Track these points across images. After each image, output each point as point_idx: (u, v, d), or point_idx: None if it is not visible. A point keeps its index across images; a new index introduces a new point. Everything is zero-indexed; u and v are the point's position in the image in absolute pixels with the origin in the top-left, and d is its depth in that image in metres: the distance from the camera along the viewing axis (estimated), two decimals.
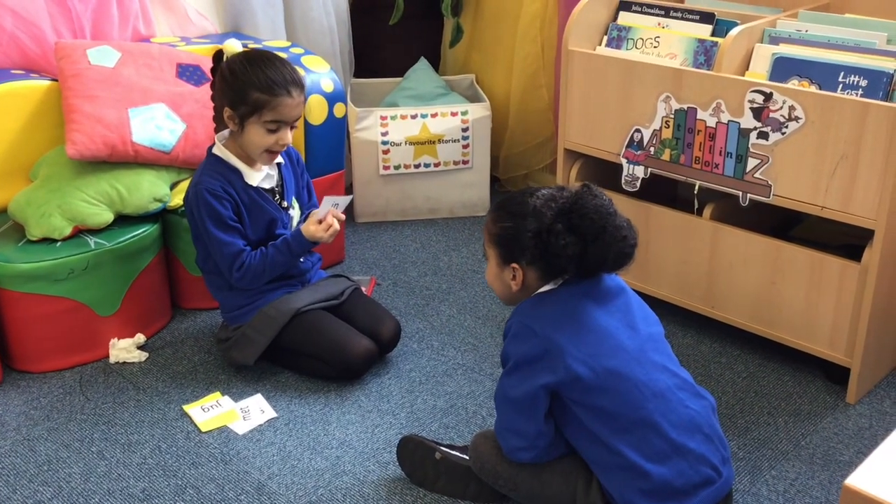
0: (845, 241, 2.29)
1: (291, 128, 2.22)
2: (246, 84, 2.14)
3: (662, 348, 1.72)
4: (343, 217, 2.31)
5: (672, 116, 2.30)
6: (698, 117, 2.24)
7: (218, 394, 2.27)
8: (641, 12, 2.54)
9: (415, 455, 1.93)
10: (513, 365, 1.69)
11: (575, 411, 1.66)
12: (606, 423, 1.63)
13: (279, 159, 2.32)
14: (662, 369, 1.67)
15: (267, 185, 2.30)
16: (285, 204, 2.35)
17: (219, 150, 2.26)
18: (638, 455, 1.62)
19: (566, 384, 1.63)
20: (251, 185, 2.26)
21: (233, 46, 2.23)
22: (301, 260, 2.36)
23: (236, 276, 2.24)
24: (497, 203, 1.77)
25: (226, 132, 2.27)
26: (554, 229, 1.63)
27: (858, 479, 1.06)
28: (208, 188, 2.19)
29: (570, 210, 1.65)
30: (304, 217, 2.38)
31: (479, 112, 3.16)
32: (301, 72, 2.61)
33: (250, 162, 2.26)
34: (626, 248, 1.65)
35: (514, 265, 1.70)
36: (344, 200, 2.31)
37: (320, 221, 2.25)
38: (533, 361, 1.65)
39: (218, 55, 2.27)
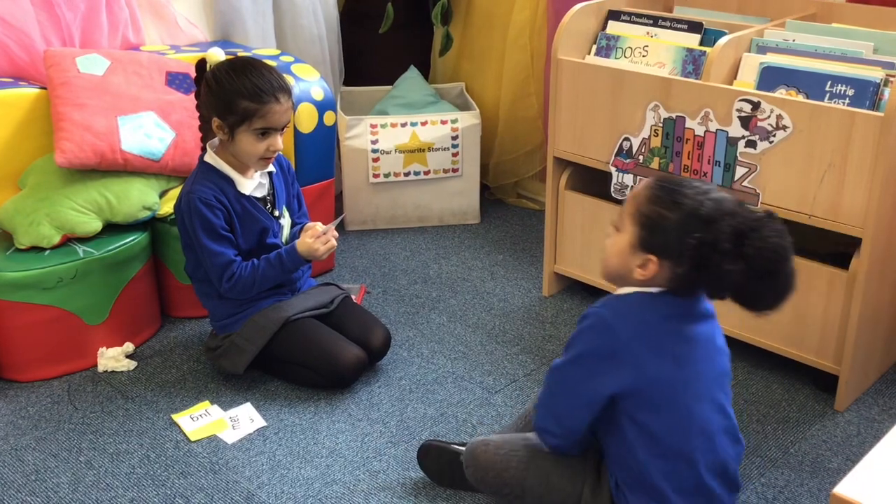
0: (833, 249, 2.30)
1: (281, 132, 2.22)
2: (233, 93, 2.14)
3: (726, 386, 1.66)
4: (337, 234, 2.31)
5: (661, 125, 2.31)
6: (687, 126, 2.26)
7: (207, 403, 2.26)
8: (630, 21, 2.55)
9: (440, 460, 1.93)
10: (580, 355, 1.60)
11: (621, 421, 1.60)
12: (648, 444, 1.59)
13: (270, 168, 2.32)
14: (719, 409, 1.63)
15: (259, 194, 2.30)
16: (276, 213, 2.35)
17: (210, 159, 2.26)
18: (666, 484, 1.59)
19: (626, 395, 1.57)
20: (243, 194, 2.25)
21: (215, 55, 2.22)
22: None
23: (226, 286, 2.24)
24: (661, 183, 1.58)
25: (216, 140, 2.27)
26: (723, 248, 1.48)
27: (847, 488, 1.06)
28: (201, 197, 2.19)
29: (746, 235, 1.49)
30: (298, 230, 2.38)
31: (468, 120, 3.17)
32: (290, 80, 2.61)
33: (242, 170, 2.26)
34: (783, 298, 1.52)
35: (652, 256, 1.55)
36: (336, 221, 2.32)
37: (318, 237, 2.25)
38: (602, 359, 1.57)
39: (201, 65, 2.26)
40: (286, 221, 2.39)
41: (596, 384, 1.58)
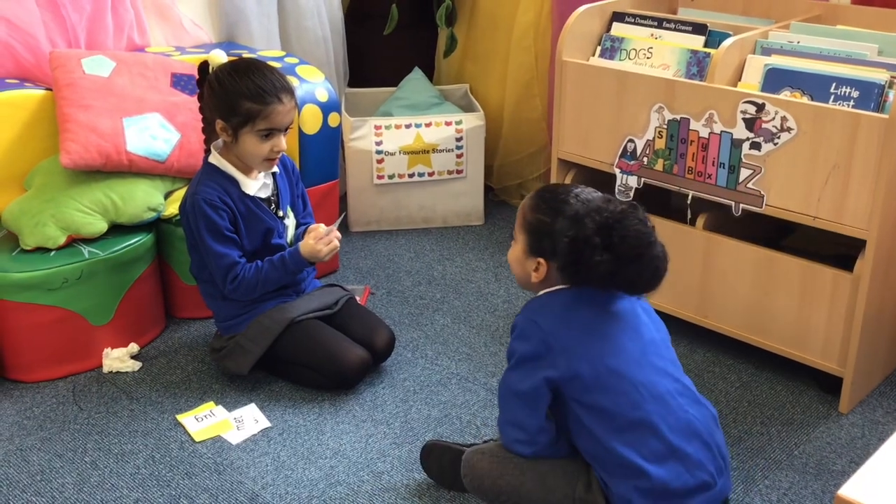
0: (837, 251, 2.30)
1: (284, 133, 2.23)
2: (236, 95, 2.14)
3: (665, 353, 1.73)
4: (340, 235, 2.32)
5: (665, 127, 2.31)
6: (691, 128, 2.26)
7: (211, 403, 2.27)
8: (635, 23, 2.56)
9: (442, 460, 1.93)
10: (517, 360, 1.71)
11: (574, 409, 1.67)
12: (604, 423, 1.64)
13: (274, 168, 2.33)
14: (663, 373, 1.69)
15: (263, 195, 2.30)
16: (281, 213, 2.35)
17: (215, 160, 2.26)
18: (635, 455, 1.63)
19: (567, 381, 1.65)
20: (248, 195, 2.26)
21: (217, 57, 2.23)
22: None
23: (229, 287, 2.24)
24: (540, 192, 1.75)
25: (220, 141, 2.27)
26: (592, 242, 1.62)
27: (851, 490, 1.06)
28: (206, 198, 2.19)
29: (611, 227, 1.62)
30: (302, 231, 2.38)
31: (472, 121, 3.17)
32: (294, 81, 2.61)
33: (247, 171, 2.27)
34: (655, 279, 1.65)
35: (541, 259, 1.70)
36: (338, 222, 2.32)
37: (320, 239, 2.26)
38: (536, 358, 1.67)
39: (203, 67, 2.26)
40: (290, 222, 2.40)
41: (536, 377, 1.67)
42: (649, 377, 1.66)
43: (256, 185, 2.28)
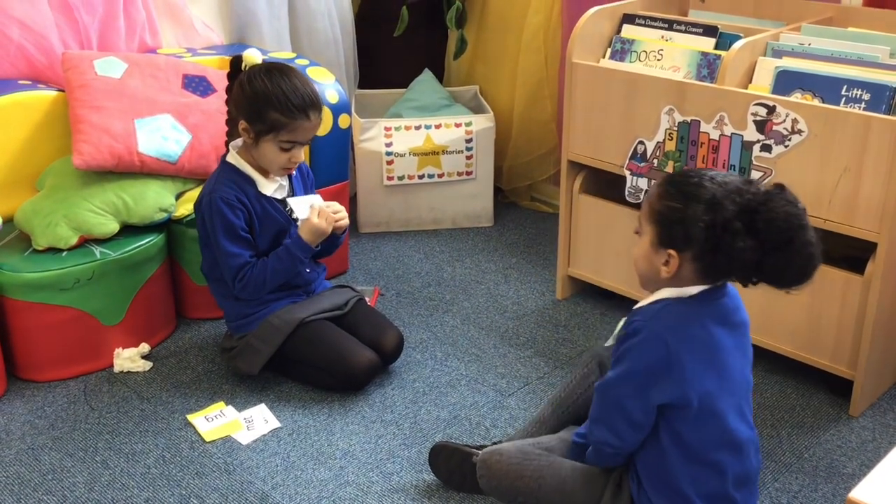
0: (848, 253, 2.29)
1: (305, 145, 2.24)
2: (265, 103, 2.14)
3: (750, 397, 1.67)
4: (341, 210, 2.30)
5: (675, 129, 2.31)
6: (701, 130, 2.25)
7: (222, 403, 2.28)
8: (645, 25, 2.55)
9: (450, 462, 1.93)
10: (629, 370, 1.58)
11: (659, 428, 1.60)
12: (681, 451, 1.59)
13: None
14: (746, 422, 1.64)
15: (279, 195, 2.31)
16: (295, 215, 2.35)
17: (233, 159, 2.27)
18: (692, 489, 1.60)
19: (672, 405, 1.57)
20: (264, 195, 2.27)
21: (253, 56, 2.22)
22: (307, 270, 2.37)
23: (238, 286, 2.25)
24: (669, 177, 1.60)
25: (239, 141, 2.28)
26: (732, 227, 1.47)
27: (862, 492, 1.06)
28: (223, 197, 2.20)
29: (755, 210, 1.48)
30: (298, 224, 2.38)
31: (482, 123, 3.17)
32: None
33: (264, 172, 2.28)
34: (809, 267, 1.49)
35: (672, 252, 1.54)
36: (314, 200, 2.31)
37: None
38: (653, 374, 1.55)
39: (236, 62, 2.26)
40: None
41: (647, 397, 1.57)
42: (737, 424, 1.60)
43: (273, 185, 2.29)
